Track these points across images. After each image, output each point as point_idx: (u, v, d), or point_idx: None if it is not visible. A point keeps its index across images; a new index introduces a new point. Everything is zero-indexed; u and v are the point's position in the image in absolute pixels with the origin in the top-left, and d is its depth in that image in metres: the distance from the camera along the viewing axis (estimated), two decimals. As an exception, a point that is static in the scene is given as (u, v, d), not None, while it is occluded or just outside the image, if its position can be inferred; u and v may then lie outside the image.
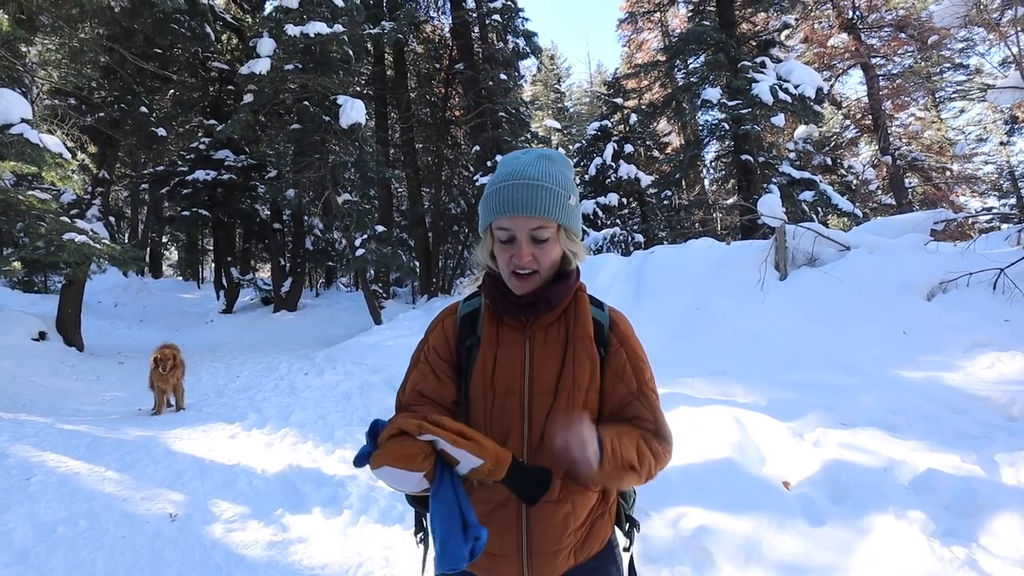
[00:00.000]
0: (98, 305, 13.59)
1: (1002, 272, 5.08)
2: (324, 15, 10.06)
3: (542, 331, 1.11)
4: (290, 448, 4.33)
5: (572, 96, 33.43)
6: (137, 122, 11.01)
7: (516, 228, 1.03)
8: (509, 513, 1.07)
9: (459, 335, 1.15)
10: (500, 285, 1.11)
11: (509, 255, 1.05)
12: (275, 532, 3.01)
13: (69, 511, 3.11)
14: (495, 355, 1.10)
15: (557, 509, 1.06)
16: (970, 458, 3.08)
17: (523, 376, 1.08)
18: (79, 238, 6.64)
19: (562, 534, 1.07)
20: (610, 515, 1.17)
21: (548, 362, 1.09)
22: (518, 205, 1.02)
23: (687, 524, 2.62)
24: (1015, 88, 6.29)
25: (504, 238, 1.05)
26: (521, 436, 1.06)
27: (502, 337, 1.12)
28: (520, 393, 1.07)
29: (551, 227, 1.04)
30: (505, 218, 1.03)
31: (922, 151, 17.35)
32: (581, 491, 1.09)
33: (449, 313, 1.20)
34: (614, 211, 15.53)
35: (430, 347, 1.17)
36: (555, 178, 1.05)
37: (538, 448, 1.05)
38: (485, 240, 1.11)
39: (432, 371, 1.13)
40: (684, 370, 4.95)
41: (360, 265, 10.79)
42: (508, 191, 1.03)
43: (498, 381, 1.08)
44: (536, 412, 1.06)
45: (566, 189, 1.07)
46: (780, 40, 14.28)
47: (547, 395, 1.07)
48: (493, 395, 1.07)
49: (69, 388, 6.88)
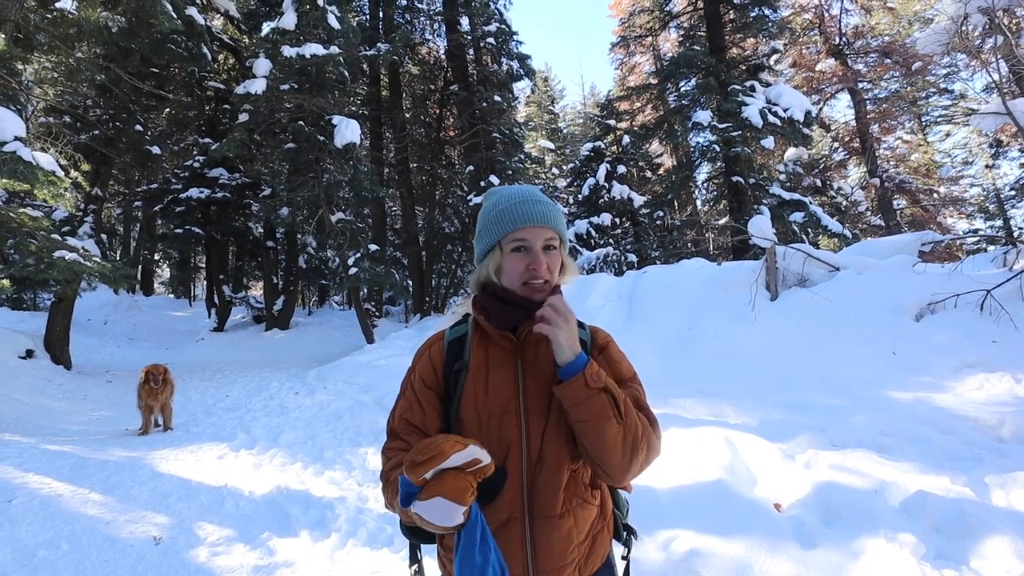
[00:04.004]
0: (87, 323, 13.44)
1: (989, 293, 5.14)
2: (320, 37, 10.21)
3: (532, 350, 1.14)
4: (278, 469, 4.27)
5: (566, 117, 33.92)
6: (132, 140, 11.04)
7: (532, 238, 1.12)
8: (513, 533, 1.07)
9: (446, 361, 1.18)
10: (505, 296, 1.14)
11: (525, 264, 1.12)
12: (261, 556, 2.95)
13: (51, 534, 3.05)
14: (486, 377, 1.12)
15: (561, 524, 1.08)
16: (960, 480, 3.08)
17: (518, 394, 1.11)
18: (70, 255, 6.61)
19: (567, 549, 1.09)
20: (608, 529, 1.19)
21: (539, 380, 1.11)
22: (536, 217, 1.12)
23: (678, 547, 2.60)
24: (997, 114, 6.45)
25: (519, 247, 1.13)
26: (520, 454, 1.08)
27: (492, 358, 1.14)
28: (516, 412, 1.10)
29: (557, 238, 1.15)
30: (523, 229, 1.12)
31: (909, 173, 17.67)
32: (582, 505, 1.11)
33: (436, 340, 1.23)
34: (607, 231, 15.66)
35: (416, 376, 1.20)
36: (551, 200, 1.19)
37: (537, 465, 1.08)
38: (492, 256, 1.16)
39: (417, 400, 1.17)
40: (675, 390, 4.95)
41: (353, 283, 10.77)
42: (525, 206, 1.13)
43: (492, 401, 1.10)
44: (533, 430, 1.09)
45: (561, 209, 1.21)
46: (769, 65, 14.62)
47: (542, 413, 1.10)
48: (488, 415, 1.09)
49: (55, 407, 6.77)
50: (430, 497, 0.92)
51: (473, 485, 0.94)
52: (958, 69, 15.31)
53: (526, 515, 1.08)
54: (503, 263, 1.14)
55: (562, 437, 1.09)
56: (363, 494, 3.75)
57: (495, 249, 1.15)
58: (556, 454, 1.09)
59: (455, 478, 0.93)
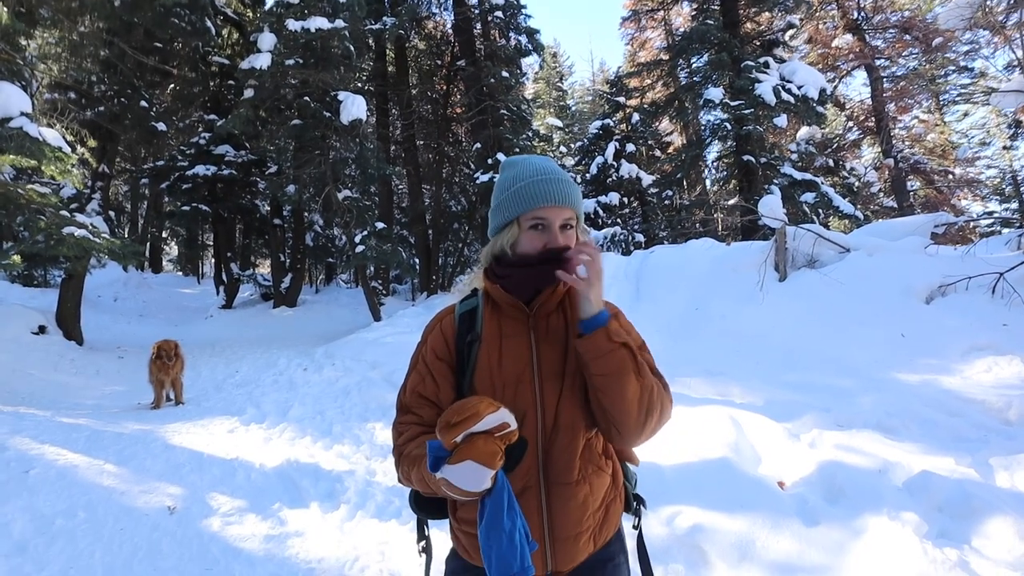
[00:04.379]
0: (98, 299, 13.58)
1: (1001, 276, 5.08)
2: (325, 10, 10.04)
3: (544, 320, 1.15)
4: (288, 443, 4.35)
5: (574, 94, 33.36)
6: (137, 116, 10.98)
7: (552, 217, 1.11)
8: (530, 500, 1.08)
9: (458, 332, 1.18)
10: (517, 264, 1.14)
11: (542, 242, 1.11)
12: (272, 526, 3.02)
13: (68, 503, 3.13)
14: (500, 346, 1.13)
15: (577, 491, 1.09)
16: (965, 461, 3.09)
17: (531, 363, 1.11)
18: (79, 232, 6.64)
19: (582, 516, 1.10)
20: (620, 499, 1.21)
21: (553, 348, 1.12)
22: (557, 197, 1.11)
23: (682, 522, 2.63)
24: (1019, 92, 6.28)
25: (538, 224, 1.11)
26: (536, 422, 1.09)
27: (505, 329, 1.15)
28: (530, 380, 1.10)
29: (575, 218, 1.15)
30: (543, 208, 1.11)
31: (924, 154, 17.32)
32: (597, 472, 1.13)
33: (447, 313, 1.23)
34: (615, 210, 15.52)
35: (428, 348, 1.20)
36: (570, 178, 1.17)
37: (552, 432, 1.09)
38: (509, 231, 1.14)
39: (430, 373, 1.17)
40: (682, 370, 4.96)
41: (360, 262, 10.78)
42: (546, 184, 1.11)
43: (506, 371, 1.11)
44: (548, 397, 1.10)
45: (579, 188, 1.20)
46: (784, 40, 14.25)
47: (556, 379, 1.10)
48: (503, 385, 1.10)
49: (69, 382, 6.89)
50: (460, 460, 0.92)
51: (502, 449, 0.94)
52: (979, 46, 14.88)
53: (542, 482, 1.09)
54: (520, 239, 1.14)
55: (577, 403, 1.10)
56: (372, 467, 3.81)
57: (512, 224, 1.14)
58: (571, 421, 1.10)
59: (485, 442, 0.93)
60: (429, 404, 1.15)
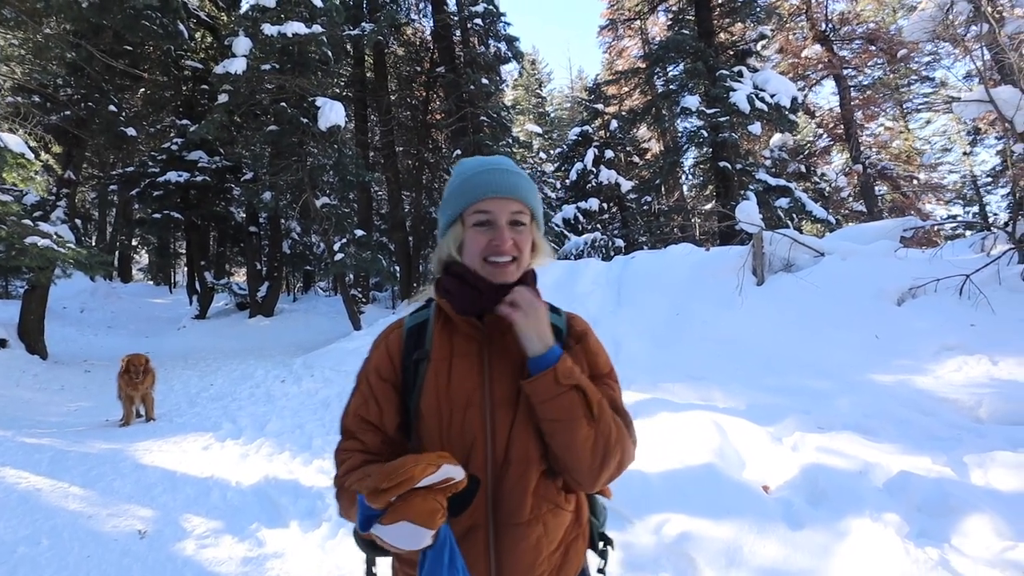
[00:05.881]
0: (63, 311, 13.11)
1: (968, 278, 5.24)
2: (302, 15, 9.92)
3: (499, 338, 1.04)
4: (266, 459, 4.23)
5: (553, 101, 33.67)
6: (105, 121, 10.68)
7: (497, 211, 1.01)
8: (476, 542, 0.97)
9: (405, 349, 1.07)
10: (466, 278, 1.04)
11: (487, 240, 1.01)
12: (250, 547, 2.92)
13: (30, 530, 2.98)
14: (449, 366, 1.02)
15: (528, 532, 0.97)
16: (940, 460, 3.15)
17: (482, 386, 1.01)
18: (42, 242, 6.41)
19: (535, 560, 0.98)
20: (584, 537, 1.09)
21: (508, 371, 1.02)
22: (502, 187, 1.01)
23: (669, 531, 2.63)
24: (979, 101, 6.51)
25: (482, 221, 1.02)
26: (485, 452, 0.98)
27: (457, 347, 1.04)
28: (480, 405, 0.99)
29: (527, 213, 1.04)
30: (487, 200, 1.01)
31: (891, 160, 17.92)
32: (554, 511, 1.01)
33: (394, 328, 1.12)
34: (595, 216, 15.66)
35: (371, 368, 1.09)
36: (523, 172, 1.07)
37: (503, 466, 0.98)
38: (453, 231, 1.05)
39: (373, 395, 1.06)
40: (664, 375, 4.99)
41: (339, 269, 10.63)
42: (490, 175, 1.02)
43: (455, 394, 1.00)
44: (499, 426, 0.99)
45: (535, 184, 1.09)
46: (757, 50, 14.60)
47: (509, 406, 1.00)
48: (450, 410, 0.99)
49: (31, 398, 6.61)
50: (395, 521, 0.82)
51: (444, 505, 0.85)
52: (940, 57, 15.48)
53: (491, 522, 0.98)
54: (465, 239, 1.04)
55: (531, 434, 0.99)
56: (352, 482, 3.72)
57: (457, 223, 1.05)
58: (524, 453, 0.98)
59: (424, 499, 0.83)
60: (372, 429, 1.05)
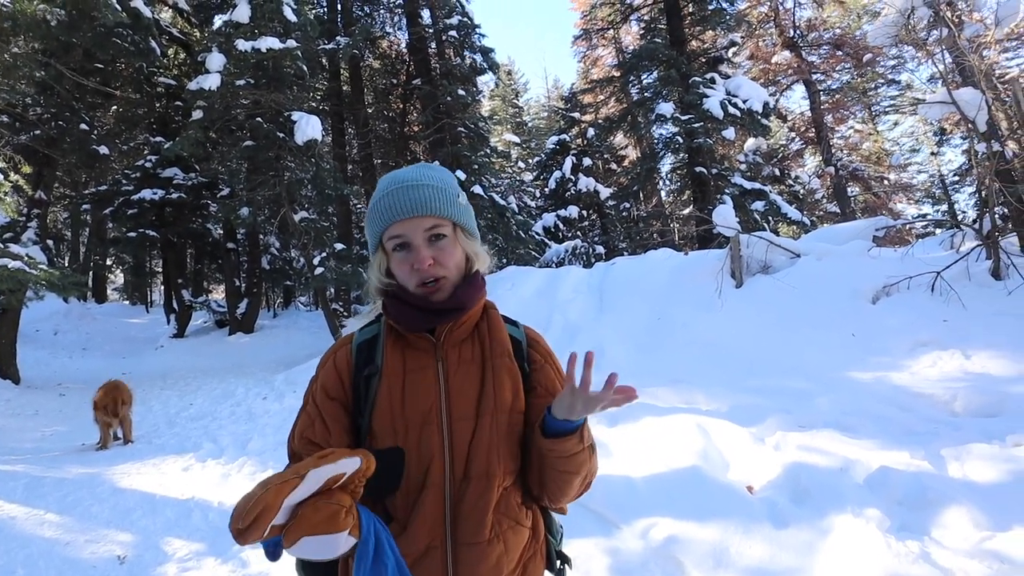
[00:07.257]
0: (36, 334, 12.75)
1: (939, 275, 5.39)
2: (276, 30, 9.88)
3: (455, 350, 1.01)
4: (248, 478, 4.15)
5: (530, 110, 33.90)
6: (77, 140, 10.47)
7: (410, 232, 0.96)
8: (433, 563, 0.93)
9: (355, 366, 1.02)
10: (406, 298, 0.99)
11: (409, 264, 0.97)
12: (234, 568, 2.86)
13: (5, 559, 2.88)
14: (403, 383, 0.98)
15: (489, 551, 0.94)
16: (919, 454, 3.21)
17: (439, 402, 0.97)
18: (13, 264, 6.24)
19: None
20: (541, 555, 1.05)
21: (465, 384, 0.99)
22: (407, 207, 0.96)
23: (656, 534, 2.64)
24: (943, 103, 6.73)
25: (398, 244, 0.97)
26: (443, 469, 0.94)
27: (410, 363, 1.00)
28: (438, 422, 0.96)
29: (446, 225, 0.99)
30: (396, 224, 0.96)
31: (862, 161, 18.42)
32: (514, 528, 0.98)
33: (342, 344, 1.07)
34: (574, 223, 15.79)
35: (318, 386, 1.03)
36: (438, 179, 1.01)
37: (463, 482, 0.95)
38: (377, 258, 1.02)
39: (320, 415, 1.00)
40: (648, 380, 5.02)
41: (319, 284, 10.53)
42: (393, 196, 0.97)
43: (410, 411, 0.96)
44: (458, 441, 0.96)
45: (452, 188, 1.02)
46: (728, 57, 14.95)
47: (468, 420, 0.97)
48: (406, 427, 0.95)
49: (4, 425, 6.40)
50: (295, 541, 0.76)
51: (345, 504, 0.79)
52: (904, 60, 16.01)
53: (448, 541, 0.94)
54: (391, 264, 1.00)
55: (492, 448, 0.96)
56: (338, 499, 3.66)
57: (379, 250, 1.01)
58: (485, 469, 0.95)
59: (315, 509, 0.77)
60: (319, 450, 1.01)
